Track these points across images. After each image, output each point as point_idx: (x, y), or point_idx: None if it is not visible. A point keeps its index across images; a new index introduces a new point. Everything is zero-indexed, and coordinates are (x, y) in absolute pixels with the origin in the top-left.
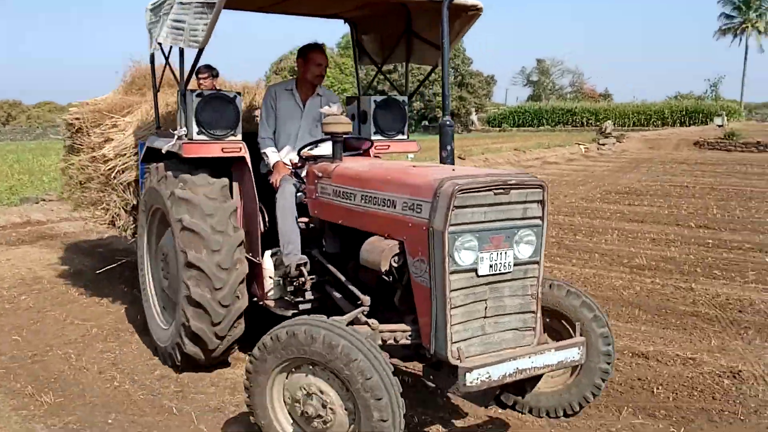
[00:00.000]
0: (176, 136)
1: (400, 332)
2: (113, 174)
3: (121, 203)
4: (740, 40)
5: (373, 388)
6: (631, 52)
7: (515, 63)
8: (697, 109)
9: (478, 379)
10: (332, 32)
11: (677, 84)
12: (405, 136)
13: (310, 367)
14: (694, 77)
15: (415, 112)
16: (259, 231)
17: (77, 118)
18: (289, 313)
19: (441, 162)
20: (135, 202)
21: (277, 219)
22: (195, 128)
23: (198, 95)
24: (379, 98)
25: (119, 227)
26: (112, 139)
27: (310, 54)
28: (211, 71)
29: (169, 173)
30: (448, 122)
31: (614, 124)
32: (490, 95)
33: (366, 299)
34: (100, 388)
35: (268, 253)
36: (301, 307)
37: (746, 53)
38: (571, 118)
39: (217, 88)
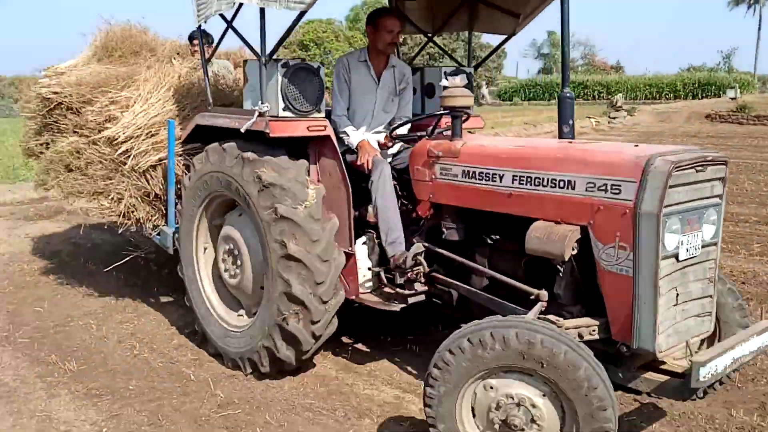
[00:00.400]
0: (256, 113)
1: (584, 327)
2: (130, 159)
3: (137, 192)
4: (754, 10)
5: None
6: (644, 24)
7: (526, 35)
8: (709, 82)
9: (709, 373)
10: (339, 2)
11: (690, 56)
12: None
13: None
14: (708, 49)
15: None
16: (351, 218)
17: (56, 92)
18: (397, 307)
19: (560, 137)
20: (157, 190)
21: (375, 204)
22: (281, 103)
23: (284, 65)
24: (449, 69)
25: (137, 219)
26: (116, 118)
27: (381, 20)
28: (207, 37)
29: (247, 155)
30: (568, 94)
31: (626, 97)
32: (501, 68)
33: (543, 294)
34: (120, 356)
35: (359, 242)
36: (412, 300)
37: (760, 24)
38: (583, 91)
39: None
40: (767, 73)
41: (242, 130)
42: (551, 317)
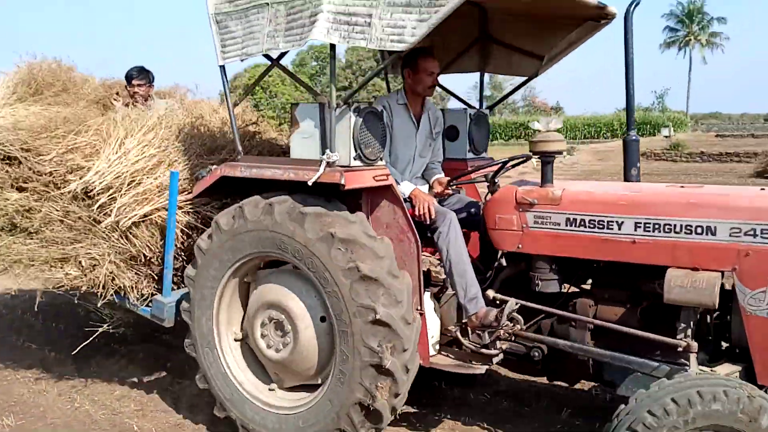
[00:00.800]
0: (324, 162)
1: (733, 374)
2: (111, 215)
3: (120, 256)
4: (684, 52)
5: None
6: (581, 65)
7: (469, 78)
8: (645, 121)
9: None
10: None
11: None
12: (487, 155)
13: None
14: (642, 89)
15: None
16: (420, 274)
17: None
18: (482, 369)
19: (625, 180)
20: (146, 252)
21: (448, 257)
22: (353, 152)
23: (356, 110)
24: (472, 111)
25: (118, 289)
26: (81, 168)
27: (421, 62)
28: (148, 75)
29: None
30: (634, 137)
31: (566, 136)
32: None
33: (693, 345)
34: (60, 409)
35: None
36: (495, 360)
37: (690, 65)
38: (524, 132)
39: (153, 96)
40: (699, 111)
41: (310, 183)
42: (703, 367)
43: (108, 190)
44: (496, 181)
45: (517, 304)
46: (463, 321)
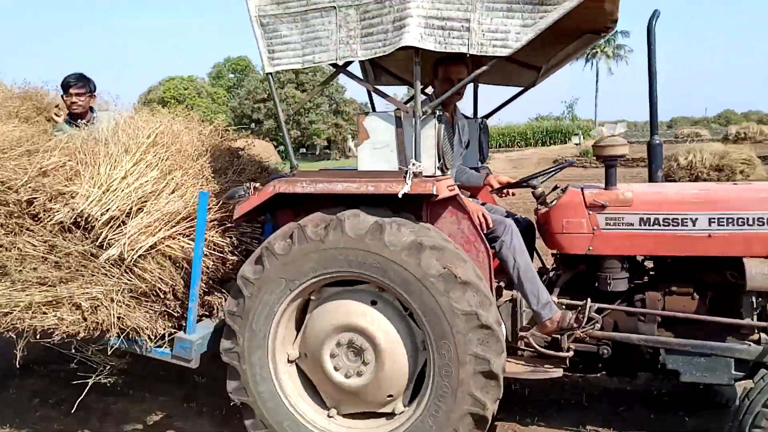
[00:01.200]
0: (410, 173)
1: None
2: (123, 246)
3: (128, 294)
4: (592, 64)
5: None
6: None
7: (388, 89)
8: (556, 130)
9: None
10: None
11: (538, 107)
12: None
13: None
14: (554, 99)
15: (293, 139)
16: (492, 282)
17: None
18: (559, 372)
19: (650, 181)
20: (162, 286)
21: (515, 266)
22: (437, 161)
23: (439, 119)
24: (479, 121)
25: (129, 331)
26: (63, 194)
27: (453, 68)
28: (89, 84)
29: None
30: (657, 141)
31: None
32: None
33: None
34: None
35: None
36: (567, 362)
37: (597, 76)
38: None
39: (94, 108)
40: (607, 119)
41: (400, 195)
42: None
43: (110, 220)
44: (537, 186)
45: (592, 307)
46: (526, 326)
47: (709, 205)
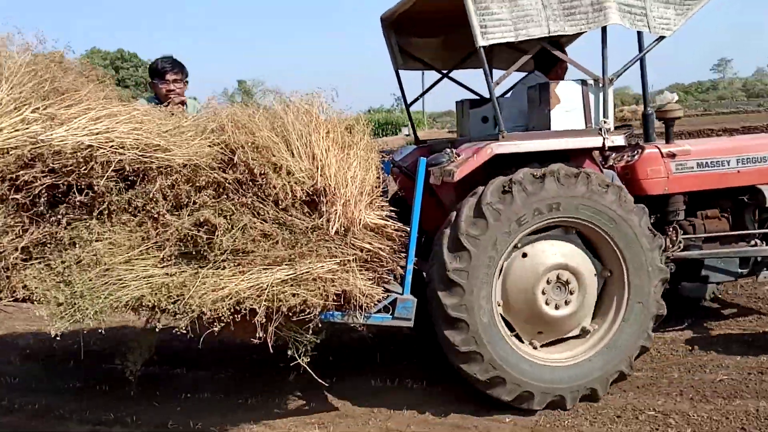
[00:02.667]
0: (603, 129)
1: None
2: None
3: (354, 263)
4: None
5: None
6: (330, 69)
7: (217, 86)
8: (387, 121)
9: None
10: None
11: (371, 99)
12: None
13: None
14: (384, 93)
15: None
16: None
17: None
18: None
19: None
20: (384, 253)
21: None
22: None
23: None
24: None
25: (348, 298)
26: (279, 169)
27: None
28: (183, 70)
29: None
30: (650, 112)
31: None
32: None
33: None
34: None
35: None
36: None
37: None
38: None
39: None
40: (435, 110)
41: (608, 146)
42: None
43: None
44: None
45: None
46: None
47: (737, 151)
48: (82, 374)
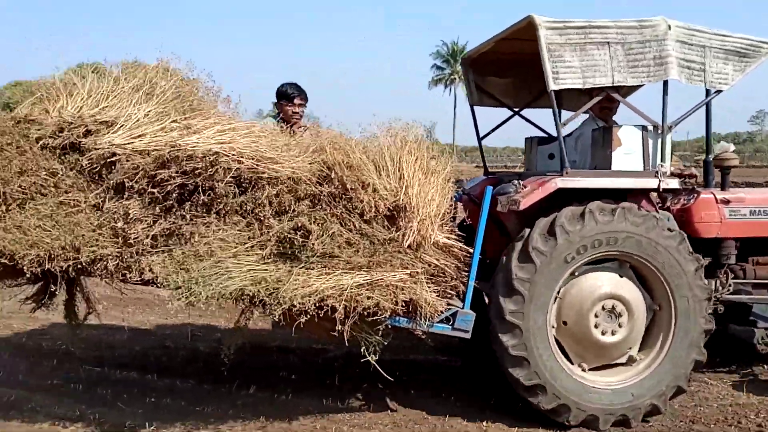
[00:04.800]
0: (660, 172)
1: None
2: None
3: (424, 276)
4: (450, 89)
5: None
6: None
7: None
8: None
9: None
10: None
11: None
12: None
13: None
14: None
15: None
16: None
17: None
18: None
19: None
20: (450, 270)
21: None
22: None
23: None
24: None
25: (414, 307)
26: (366, 186)
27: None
28: (305, 94)
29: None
30: (709, 159)
31: None
32: None
33: None
34: None
35: None
36: None
37: (455, 101)
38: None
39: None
40: (466, 144)
41: (661, 189)
42: None
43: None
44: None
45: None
46: None
47: None
48: (62, 373)
